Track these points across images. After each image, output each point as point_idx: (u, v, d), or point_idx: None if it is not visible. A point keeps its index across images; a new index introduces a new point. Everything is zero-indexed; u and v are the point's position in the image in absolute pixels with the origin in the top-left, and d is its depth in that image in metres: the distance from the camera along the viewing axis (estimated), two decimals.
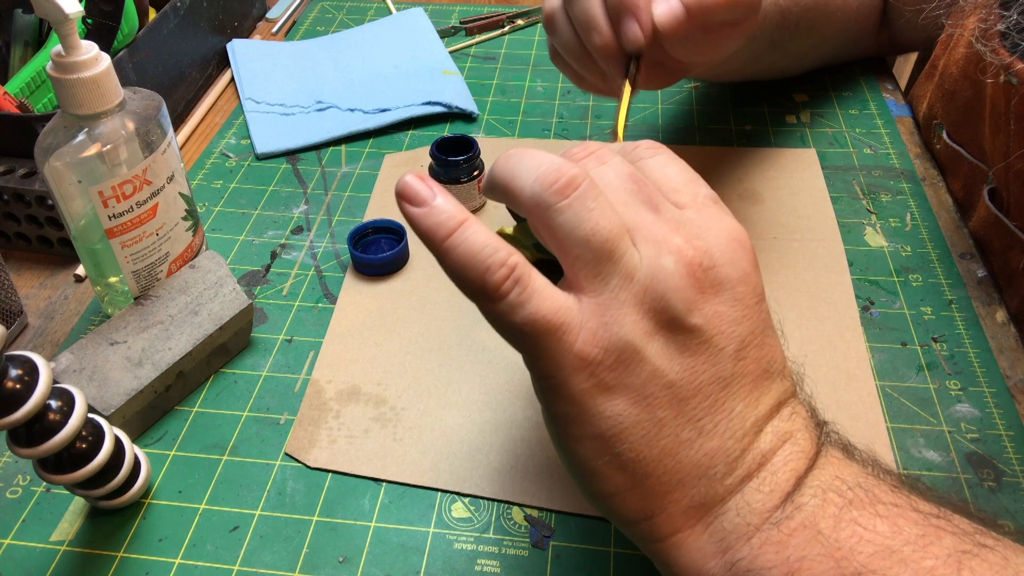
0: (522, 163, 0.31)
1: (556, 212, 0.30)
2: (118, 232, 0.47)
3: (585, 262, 0.29)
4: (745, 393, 0.30)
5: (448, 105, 0.71)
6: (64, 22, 0.41)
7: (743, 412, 0.30)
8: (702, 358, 0.29)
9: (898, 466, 0.44)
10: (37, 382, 0.35)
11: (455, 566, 0.40)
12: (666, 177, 0.33)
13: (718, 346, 0.30)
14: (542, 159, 0.31)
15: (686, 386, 0.29)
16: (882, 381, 0.48)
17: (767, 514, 0.29)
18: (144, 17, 0.68)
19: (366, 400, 0.48)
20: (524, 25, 0.85)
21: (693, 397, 0.29)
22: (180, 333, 0.47)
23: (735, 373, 0.30)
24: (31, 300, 0.56)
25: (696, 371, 0.29)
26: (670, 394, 0.29)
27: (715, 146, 0.67)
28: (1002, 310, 0.52)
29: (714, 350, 0.30)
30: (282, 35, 0.86)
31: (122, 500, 0.42)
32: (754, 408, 0.30)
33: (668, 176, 0.33)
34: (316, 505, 0.43)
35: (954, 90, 0.60)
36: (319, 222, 0.61)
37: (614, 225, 0.29)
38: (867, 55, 0.75)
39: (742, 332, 0.30)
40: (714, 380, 0.30)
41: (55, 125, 0.44)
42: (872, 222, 0.59)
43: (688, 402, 0.29)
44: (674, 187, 0.32)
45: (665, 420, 0.29)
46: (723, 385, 0.30)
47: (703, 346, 0.29)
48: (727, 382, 0.30)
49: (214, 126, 0.72)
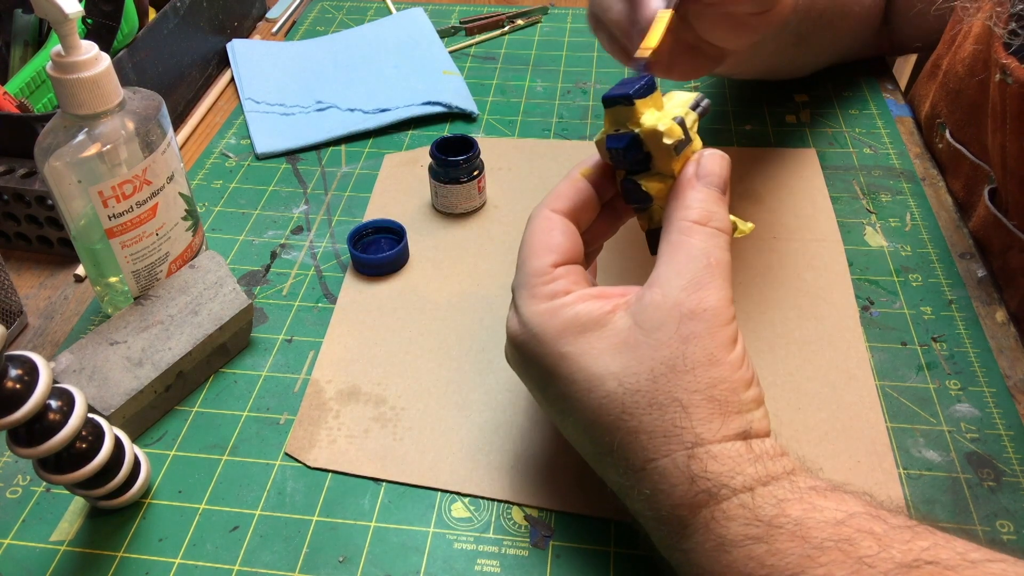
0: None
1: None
2: (118, 232, 0.47)
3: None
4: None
5: (448, 105, 0.71)
6: (64, 22, 0.41)
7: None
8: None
9: (898, 465, 0.44)
10: (37, 382, 0.35)
11: (455, 566, 0.40)
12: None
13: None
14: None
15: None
16: (882, 381, 0.48)
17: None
18: (144, 17, 0.68)
19: (366, 400, 0.48)
20: (524, 25, 0.85)
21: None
22: (180, 333, 0.47)
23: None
24: (31, 300, 0.56)
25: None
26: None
27: (715, 146, 0.67)
28: (1002, 310, 0.52)
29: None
30: (282, 35, 0.86)
31: (122, 500, 0.42)
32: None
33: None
34: (316, 505, 0.43)
35: (959, 89, 0.60)
36: (319, 222, 0.61)
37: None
38: (870, 55, 0.75)
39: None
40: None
41: (55, 125, 0.44)
42: (872, 222, 0.59)
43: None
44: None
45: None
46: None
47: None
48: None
49: (214, 126, 0.72)
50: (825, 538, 0.30)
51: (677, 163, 0.38)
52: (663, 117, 0.37)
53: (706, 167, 0.37)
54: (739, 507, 0.32)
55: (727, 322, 0.35)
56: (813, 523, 0.31)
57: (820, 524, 0.31)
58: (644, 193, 0.38)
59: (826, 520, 0.31)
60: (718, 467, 0.33)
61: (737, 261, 0.55)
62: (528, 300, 0.37)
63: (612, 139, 0.37)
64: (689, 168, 0.38)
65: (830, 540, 0.30)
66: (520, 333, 0.37)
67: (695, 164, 0.38)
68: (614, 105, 0.37)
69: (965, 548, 0.29)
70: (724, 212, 0.37)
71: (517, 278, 0.39)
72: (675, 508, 0.33)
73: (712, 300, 0.34)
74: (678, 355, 0.34)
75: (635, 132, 0.37)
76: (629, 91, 0.36)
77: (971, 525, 0.41)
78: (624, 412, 0.34)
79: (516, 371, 0.40)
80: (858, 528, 0.30)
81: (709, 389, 0.34)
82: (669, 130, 0.36)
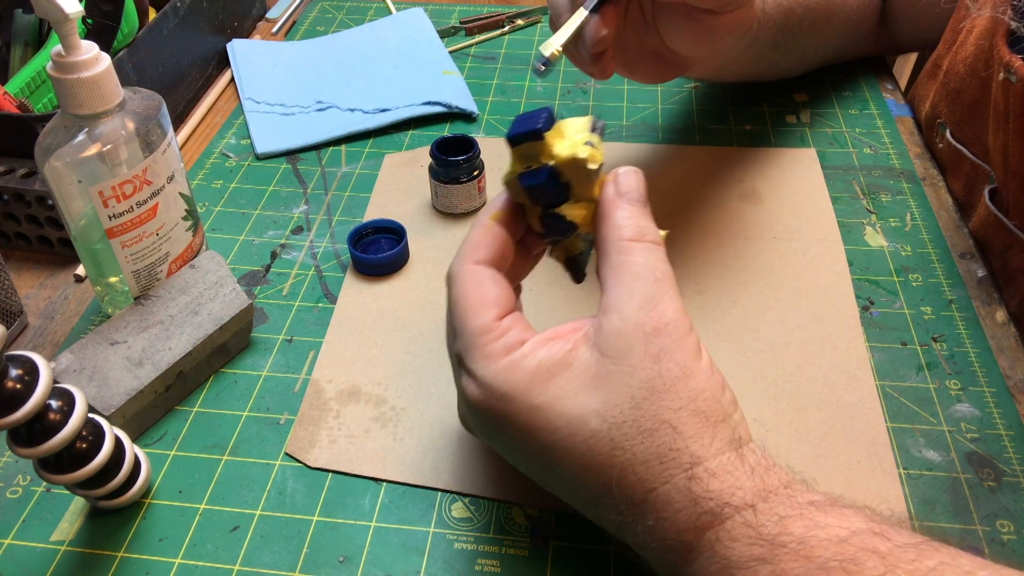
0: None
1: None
2: (118, 232, 0.47)
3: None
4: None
5: (448, 105, 0.71)
6: (64, 22, 0.41)
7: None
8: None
9: (898, 465, 0.44)
10: (37, 382, 0.35)
11: (455, 566, 0.40)
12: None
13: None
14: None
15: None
16: (882, 381, 0.48)
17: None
18: (144, 17, 0.68)
19: (366, 400, 0.48)
20: (524, 25, 0.85)
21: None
22: (180, 333, 0.47)
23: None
24: (31, 300, 0.56)
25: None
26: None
27: (715, 146, 0.67)
28: (1002, 310, 0.52)
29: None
30: (282, 35, 0.86)
31: (122, 500, 0.42)
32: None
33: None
34: (316, 505, 0.43)
35: (959, 88, 0.60)
36: (319, 222, 0.61)
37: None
38: (867, 55, 0.75)
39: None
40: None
41: (55, 125, 0.44)
42: (872, 222, 0.59)
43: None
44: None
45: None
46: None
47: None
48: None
49: (214, 126, 0.72)
50: (829, 557, 0.29)
51: (596, 187, 0.37)
52: (575, 144, 0.36)
53: (625, 185, 0.37)
54: (742, 526, 0.31)
55: (689, 331, 0.34)
56: (816, 541, 0.30)
57: (823, 543, 0.30)
58: (569, 223, 0.37)
59: (829, 538, 0.30)
60: (718, 484, 0.32)
61: (737, 261, 0.55)
62: (483, 361, 0.35)
63: (527, 176, 0.36)
64: (609, 189, 0.37)
65: (834, 560, 0.29)
66: (484, 398, 0.35)
67: (613, 184, 0.37)
68: (522, 143, 0.36)
69: (972, 565, 0.29)
70: (653, 225, 0.37)
71: (461, 342, 0.36)
72: (680, 534, 0.32)
73: (670, 313, 0.34)
74: (654, 375, 0.33)
75: (551, 165, 0.36)
76: (537, 126, 0.36)
77: (971, 525, 0.41)
78: (615, 448, 0.33)
79: (485, 438, 0.38)
80: (862, 547, 0.30)
81: (692, 403, 0.33)
82: (591, 156, 0.36)
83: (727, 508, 0.32)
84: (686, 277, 0.54)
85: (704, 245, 0.57)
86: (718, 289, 0.54)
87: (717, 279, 0.54)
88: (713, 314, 0.52)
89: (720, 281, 0.54)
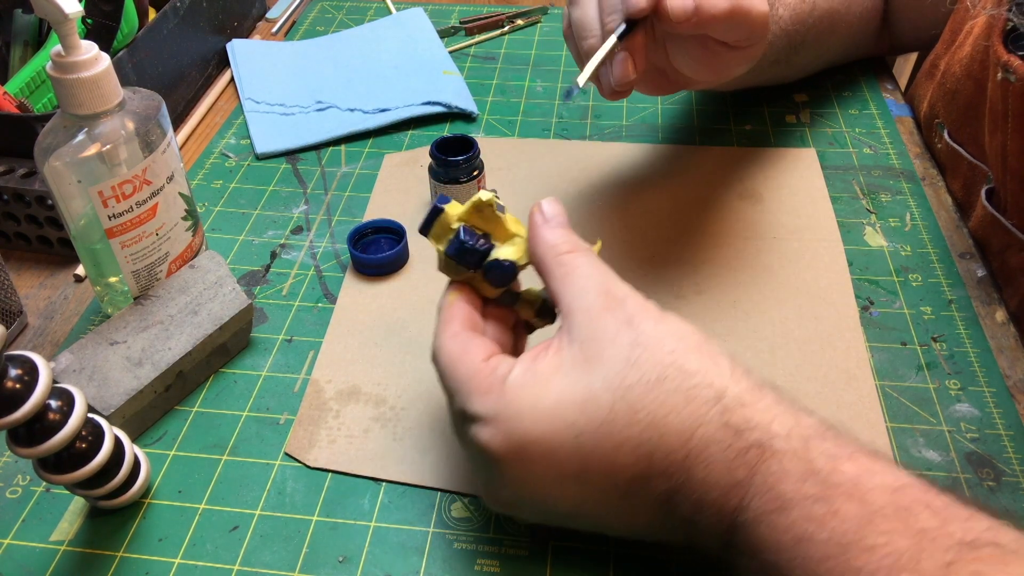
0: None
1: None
2: (118, 232, 0.47)
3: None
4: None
5: (448, 105, 0.71)
6: (64, 22, 0.41)
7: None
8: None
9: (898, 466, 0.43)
10: (37, 382, 0.35)
11: (455, 566, 0.40)
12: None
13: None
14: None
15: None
16: (882, 381, 0.48)
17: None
18: (144, 17, 0.68)
19: (366, 400, 0.48)
20: (524, 25, 0.85)
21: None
22: (180, 333, 0.47)
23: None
24: (31, 300, 0.56)
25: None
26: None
27: (715, 146, 0.67)
28: (1002, 310, 0.52)
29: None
30: (282, 35, 0.86)
31: (122, 500, 0.42)
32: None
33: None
34: (316, 505, 0.43)
35: (956, 89, 0.60)
36: (319, 222, 0.61)
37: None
38: (867, 56, 0.75)
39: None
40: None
41: (55, 125, 0.44)
42: (872, 222, 0.59)
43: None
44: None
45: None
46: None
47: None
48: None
49: (214, 126, 0.72)
50: (884, 504, 0.29)
51: (509, 223, 0.40)
52: (470, 200, 0.39)
53: (549, 212, 0.39)
54: (793, 458, 0.31)
55: (646, 299, 0.36)
56: (870, 485, 0.30)
57: (877, 488, 0.30)
58: (507, 263, 0.39)
59: (882, 485, 0.30)
60: (752, 413, 0.32)
61: (737, 261, 0.55)
62: (483, 397, 0.35)
63: (450, 246, 0.39)
64: (536, 218, 0.39)
65: (889, 507, 0.29)
66: (497, 432, 0.34)
67: (539, 214, 0.39)
68: (431, 224, 0.39)
69: (1020, 534, 0.29)
70: (582, 241, 0.38)
71: (459, 397, 0.36)
72: (732, 472, 0.32)
73: (625, 290, 0.36)
74: (634, 336, 0.34)
75: (460, 225, 0.39)
76: (437, 204, 0.39)
77: None
78: (635, 411, 0.33)
79: (518, 493, 0.35)
80: (915, 499, 0.29)
81: (682, 342, 0.34)
82: (480, 196, 0.39)
83: (775, 439, 0.32)
84: (686, 277, 0.54)
85: (704, 245, 0.57)
86: (718, 289, 0.54)
87: (717, 279, 0.54)
88: (713, 314, 0.52)
89: (720, 281, 0.54)
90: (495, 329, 0.40)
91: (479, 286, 0.40)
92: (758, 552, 0.31)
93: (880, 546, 0.28)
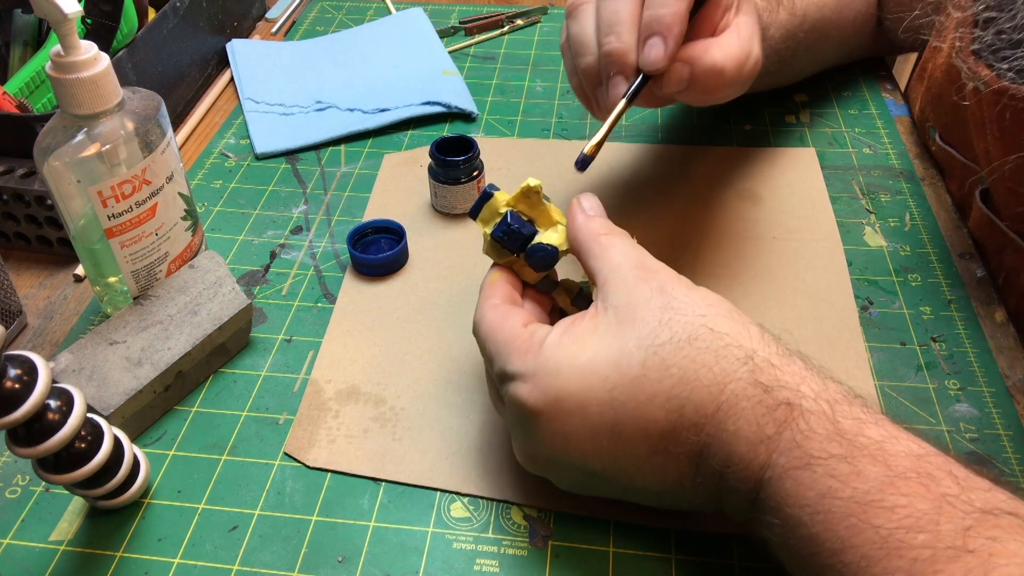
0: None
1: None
2: (117, 232, 0.47)
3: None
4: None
5: (447, 105, 0.71)
6: (63, 22, 0.41)
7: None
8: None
9: None
10: (36, 382, 0.35)
11: (454, 566, 0.40)
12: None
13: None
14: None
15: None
16: (881, 381, 0.48)
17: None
18: (143, 17, 0.68)
19: (365, 400, 0.48)
20: (524, 25, 0.85)
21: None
22: (179, 333, 0.47)
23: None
24: (31, 300, 0.56)
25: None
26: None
27: (715, 146, 0.67)
28: (1001, 310, 0.52)
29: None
30: (282, 35, 0.86)
31: (121, 500, 0.42)
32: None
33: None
34: (315, 505, 0.43)
35: (940, 94, 0.60)
36: (318, 222, 0.61)
37: None
38: (865, 56, 0.75)
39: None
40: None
41: (54, 125, 0.44)
42: (871, 222, 0.59)
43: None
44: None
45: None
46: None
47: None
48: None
49: (213, 126, 0.72)
50: (907, 468, 0.30)
51: (552, 211, 0.42)
52: (519, 187, 0.41)
53: (587, 205, 0.41)
54: (821, 418, 0.32)
55: (679, 274, 0.38)
56: (893, 451, 0.31)
57: (900, 453, 0.31)
58: (549, 247, 0.41)
59: (905, 451, 0.31)
60: (781, 374, 0.33)
61: (737, 261, 0.55)
62: (523, 357, 0.37)
63: (497, 228, 0.41)
64: (575, 211, 0.41)
65: (912, 471, 0.30)
66: (535, 388, 0.36)
67: (578, 207, 0.41)
68: (480, 209, 0.42)
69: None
70: (618, 228, 0.41)
71: (498, 360, 0.38)
72: (762, 427, 0.33)
73: (659, 264, 0.38)
74: (667, 300, 0.36)
75: (508, 210, 0.41)
76: (487, 190, 0.42)
77: None
78: (667, 366, 0.34)
79: (552, 451, 0.37)
80: (938, 466, 0.30)
81: (713, 308, 0.36)
82: (528, 182, 0.41)
83: (803, 399, 0.33)
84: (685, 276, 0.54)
85: (704, 245, 0.57)
86: (718, 289, 0.52)
87: (717, 279, 0.54)
88: None
89: (720, 281, 0.54)
90: (533, 310, 0.42)
91: (520, 270, 0.42)
92: (782, 507, 0.32)
93: (901, 507, 0.29)
